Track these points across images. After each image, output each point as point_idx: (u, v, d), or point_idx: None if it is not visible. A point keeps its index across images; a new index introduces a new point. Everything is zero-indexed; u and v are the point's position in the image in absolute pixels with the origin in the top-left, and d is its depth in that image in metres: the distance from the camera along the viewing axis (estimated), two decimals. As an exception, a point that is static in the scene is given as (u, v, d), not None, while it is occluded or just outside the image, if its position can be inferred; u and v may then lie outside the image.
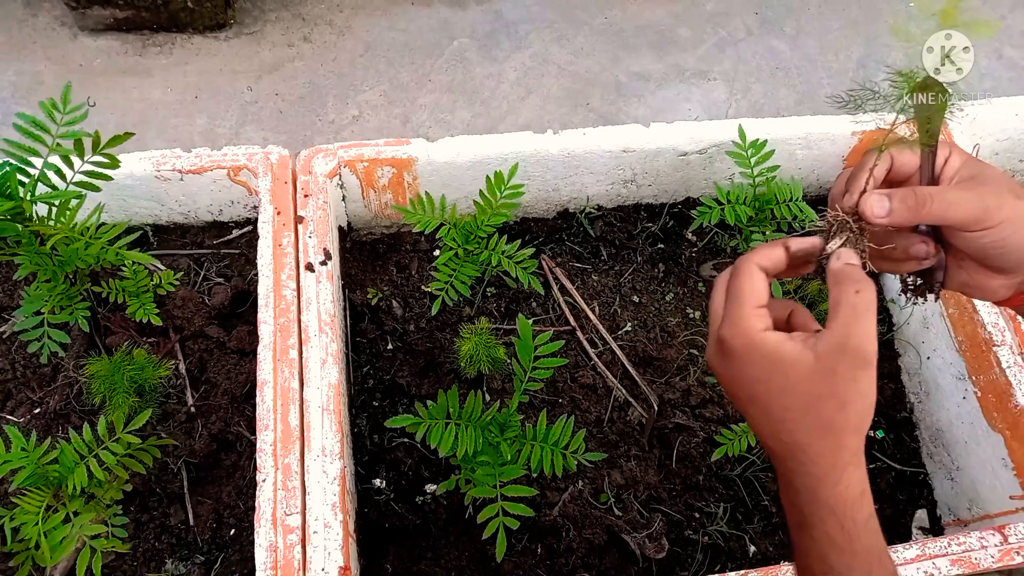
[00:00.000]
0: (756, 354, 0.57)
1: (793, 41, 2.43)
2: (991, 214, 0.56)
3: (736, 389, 0.60)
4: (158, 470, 1.03)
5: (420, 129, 2.12)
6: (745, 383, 0.58)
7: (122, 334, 1.10)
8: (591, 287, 1.29)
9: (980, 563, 0.92)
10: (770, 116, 2.15)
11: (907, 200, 0.58)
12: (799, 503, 0.57)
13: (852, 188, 0.61)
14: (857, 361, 0.53)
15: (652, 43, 2.38)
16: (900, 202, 0.58)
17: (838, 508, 0.55)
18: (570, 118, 2.19)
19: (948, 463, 1.18)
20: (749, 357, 0.57)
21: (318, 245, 1.07)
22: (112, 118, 2.03)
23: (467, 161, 1.18)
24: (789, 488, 0.58)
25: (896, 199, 0.58)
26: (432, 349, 1.19)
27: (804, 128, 1.26)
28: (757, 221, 1.24)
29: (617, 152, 1.22)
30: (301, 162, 1.14)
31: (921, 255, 0.62)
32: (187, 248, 1.23)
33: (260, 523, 0.88)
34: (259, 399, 0.95)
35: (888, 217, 0.58)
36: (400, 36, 2.29)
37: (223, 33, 2.22)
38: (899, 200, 0.58)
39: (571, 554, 1.06)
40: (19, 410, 1.06)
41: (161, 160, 1.12)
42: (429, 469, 1.12)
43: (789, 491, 0.58)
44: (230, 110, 2.09)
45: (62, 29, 2.16)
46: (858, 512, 0.55)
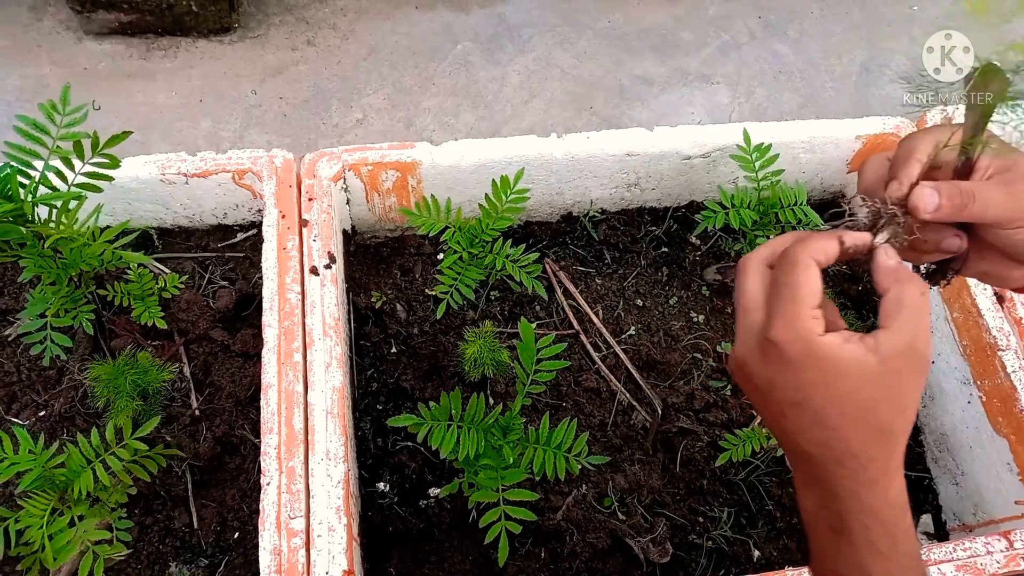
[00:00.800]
0: (816, 360, 0.52)
1: (796, 45, 2.43)
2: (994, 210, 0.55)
3: (782, 394, 0.55)
4: (162, 473, 1.03)
5: (424, 133, 2.13)
6: (797, 388, 0.54)
7: (127, 337, 1.10)
8: (595, 291, 1.29)
9: (986, 569, 0.91)
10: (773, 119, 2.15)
11: (953, 197, 0.55)
12: (838, 509, 0.54)
13: (902, 178, 0.58)
14: (921, 365, 0.52)
15: (655, 47, 2.38)
16: (948, 199, 0.55)
17: (885, 514, 0.53)
18: (573, 122, 2.19)
19: (953, 468, 1.18)
20: (807, 363, 0.52)
21: (322, 249, 1.07)
22: (117, 122, 2.03)
23: (471, 165, 1.19)
24: (827, 494, 0.55)
25: (944, 195, 0.55)
26: (436, 352, 1.19)
27: (808, 132, 1.26)
28: (761, 225, 1.24)
29: (621, 156, 1.23)
30: (305, 166, 1.14)
31: (954, 249, 0.60)
32: (192, 251, 1.23)
33: (264, 526, 0.88)
34: (263, 403, 0.95)
35: (935, 213, 0.55)
36: (403, 40, 2.30)
37: (227, 37, 2.22)
38: (947, 197, 0.55)
39: (575, 558, 1.06)
40: (24, 412, 1.07)
41: (166, 164, 1.12)
42: (433, 472, 1.12)
43: (826, 497, 0.55)
44: (234, 113, 2.10)
45: (67, 33, 2.17)
46: (903, 519, 0.54)
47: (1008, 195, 0.55)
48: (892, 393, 0.52)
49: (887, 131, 1.27)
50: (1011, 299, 1.11)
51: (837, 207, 0.60)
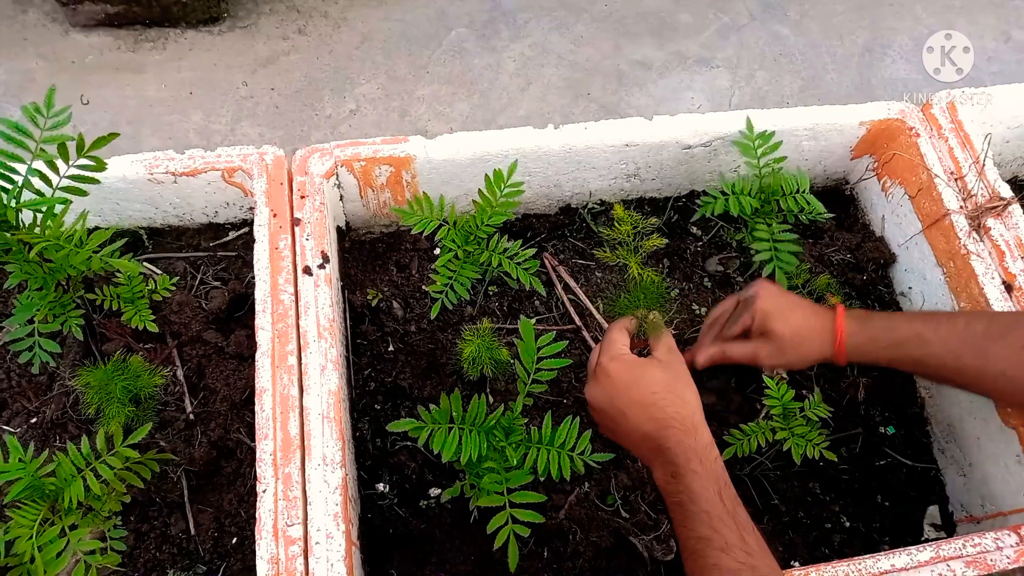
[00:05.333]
0: (630, 368, 0.90)
1: (797, 26, 2.39)
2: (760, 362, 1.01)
3: (617, 401, 0.89)
4: (158, 479, 1.01)
5: (418, 122, 2.09)
6: (627, 390, 0.89)
7: (118, 341, 1.08)
8: (595, 284, 1.26)
9: (996, 564, 0.90)
10: (774, 103, 2.12)
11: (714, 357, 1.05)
12: (673, 458, 0.83)
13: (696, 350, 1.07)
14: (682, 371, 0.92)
15: (653, 30, 2.34)
16: (708, 359, 1.05)
17: (698, 449, 0.83)
18: (571, 109, 2.15)
19: (960, 459, 1.16)
20: (624, 372, 0.90)
21: (315, 248, 1.04)
22: (106, 116, 2.00)
23: (466, 158, 1.16)
24: (664, 452, 0.84)
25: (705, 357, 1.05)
26: (434, 350, 1.17)
27: (811, 119, 1.23)
28: (763, 213, 1.21)
29: (620, 146, 1.20)
30: (297, 162, 1.11)
31: None
32: (183, 251, 1.20)
33: (261, 534, 0.86)
34: (258, 407, 0.93)
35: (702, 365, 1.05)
36: (397, 27, 2.26)
37: (216, 27, 2.18)
38: (707, 358, 1.05)
39: (578, 557, 1.04)
40: (15, 420, 1.05)
41: (154, 163, 1.10)
42: (433, 473, 1.10)
43: (664, 454, 0.84)
44: (225, 106, 2.06)
45: (53, 25, 2.13)
46: (710, 453, 0.83)
47: (747, 353, 1.02)
48: (676, 382, 0.89)
49: (891, 116, 1.24)
50: (1020, 288, 1.09)
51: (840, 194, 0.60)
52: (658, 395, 0.86)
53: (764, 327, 1.00)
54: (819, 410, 1.08)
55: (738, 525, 0.79)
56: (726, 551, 0.77)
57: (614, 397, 0.89)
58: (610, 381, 0.90)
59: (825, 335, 0.99)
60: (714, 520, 0.78)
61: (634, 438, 0.89)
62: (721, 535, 0.77)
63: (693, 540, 0.79)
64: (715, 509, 0.79)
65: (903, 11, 2.45)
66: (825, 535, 1.12)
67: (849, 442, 1.18)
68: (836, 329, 0.98)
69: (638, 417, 0.87)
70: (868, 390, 1.21)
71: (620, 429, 0.90)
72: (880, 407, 1.22)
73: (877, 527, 1.14)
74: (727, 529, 0.78)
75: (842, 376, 1.22)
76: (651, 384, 0.88)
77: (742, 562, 0.76)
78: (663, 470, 0.85)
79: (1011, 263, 1.10)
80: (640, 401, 0.87)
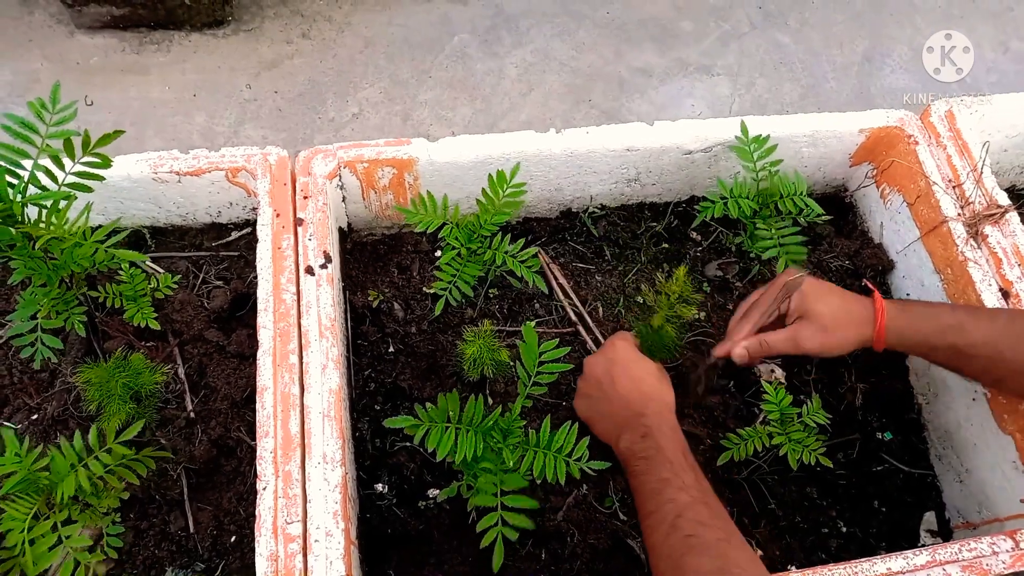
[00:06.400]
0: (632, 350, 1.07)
1: (797, 34, 2.40)
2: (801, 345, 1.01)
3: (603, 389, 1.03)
4: (157, 476, 1.02)
5: (421, 127, 2.10)
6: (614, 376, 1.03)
7: (120, 339, 1.08)
8: (595, 287, 1.27)
9: (992, 569, 0.90)
10: (774, 111, 2.13)
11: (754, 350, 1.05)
12: (648, 422, 0.95)
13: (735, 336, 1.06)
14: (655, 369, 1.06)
15: (654, 37, 2.35)
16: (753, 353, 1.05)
17: (672, 425, 0.96)
18: (572, 115, 2.17)
19: (957, 465, 1.16)
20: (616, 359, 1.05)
21: (318, 248, 1.05)
22: (110, 117, 2.01)
23: (469, 161, 1.17)
24: (640, 417, 0.96)
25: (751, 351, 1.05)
26: (434, 351, 1.18)
27: (810, 126, 1.24)
28: (762, 216, 1.22)
29: (621, 151, 1.21)
30: (300, 163, 1.12)
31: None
32: (186, 250, 1.21)
33: (260, 532, 0.87)
34: (259, 405, 0.93)
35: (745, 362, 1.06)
36: (400, 31, 2.27)
37: (221, 30, 2.20)
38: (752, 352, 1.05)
39: (575, 559, 1.05)
40: (17, 416, 1.05)
41: (158, 162, 1.10)
42: (432, 473, 1.11)
43: (640, 419, 0.96)
44: (229, 108, 2.08)
45: (58, 27, 2.14)
46: (679, 432, 0.96)
47: (787, 337, 1.02)
48: (664, 380, 1.04)
49: (890, 124, 1.25)
50: (1016, 295, 1.09)
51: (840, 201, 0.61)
52: (649, 378, 1.02)
53: (804, 308, 1.00)
54: (817, 416, 1.08)
55: (696, 476, 0.89)
56: (684, 489, 0.86)
57: (613, 364, 1.03)
58: (615, 351, 1.05)
59: (866, 317, 0.99)
60: (676, 467, 0.88)
61: (615, 404, 1.00)
62: (680, 478, 0.87)
63: (653, 482, 0.88)
64: (678, 460, 0.90)
65: (902, 21, 2.46)
66: (822, 540, 1.12)
67: (846, 447, 1.19)
68: (877, 311, 0.99)
69: (626, 387, 1.00)
70: (866, 396, 1.21)
71: (604, 393, 1.02)
72: (877, 413, 1.22)
73: (874, 532, 1.14)
74: (686, 475, 0.88)
75: (840, 382, 1.22)
76: (647, 368, 1.03)
77: (694, 497, 0.85)
78: (634, 433, 0.95)
79: (1008, 270, 1.11)
80: (633, 375, 1.02)
